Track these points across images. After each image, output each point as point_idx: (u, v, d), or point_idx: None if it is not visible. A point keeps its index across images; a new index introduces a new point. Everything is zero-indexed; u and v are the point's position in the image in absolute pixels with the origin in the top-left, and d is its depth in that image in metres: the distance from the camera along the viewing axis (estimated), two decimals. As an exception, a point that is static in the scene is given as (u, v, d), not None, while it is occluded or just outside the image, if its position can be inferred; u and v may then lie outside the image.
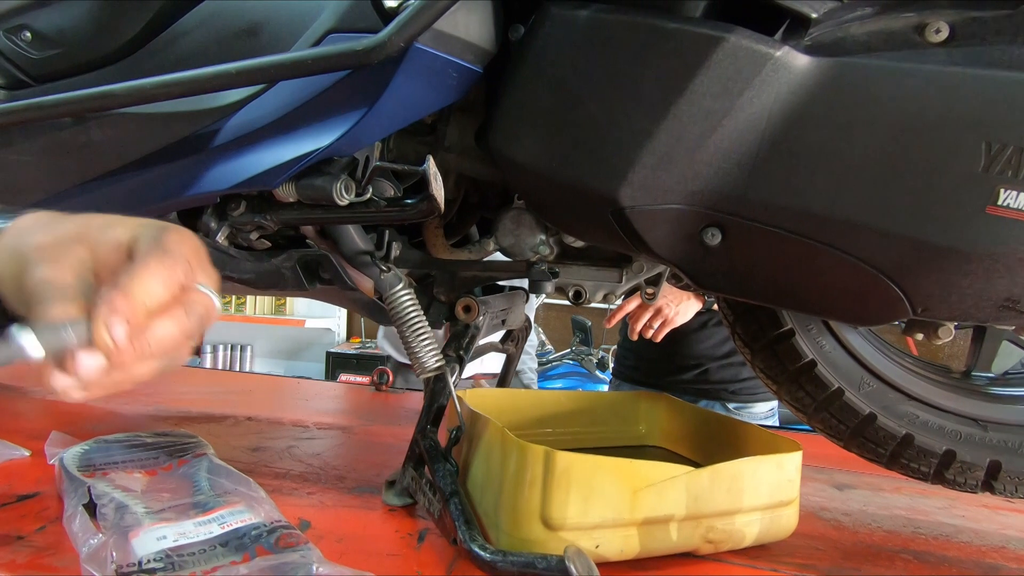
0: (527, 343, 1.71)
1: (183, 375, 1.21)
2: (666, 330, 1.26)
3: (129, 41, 0.69)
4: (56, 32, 0.72)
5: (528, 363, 1.70)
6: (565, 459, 0.46)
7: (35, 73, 0.72)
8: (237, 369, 3.12)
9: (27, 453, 0.69)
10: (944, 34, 0.43)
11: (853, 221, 0.45)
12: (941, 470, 0.61)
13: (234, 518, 0.49)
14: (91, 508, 0.50)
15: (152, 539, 0.45)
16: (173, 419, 0.90)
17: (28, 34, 0.72)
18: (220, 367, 3.20)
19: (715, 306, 1.26)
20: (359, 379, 2.81)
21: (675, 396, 1.36)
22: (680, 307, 1.24)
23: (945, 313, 0.48)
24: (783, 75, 0.43)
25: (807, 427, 0.71)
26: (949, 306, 0.47)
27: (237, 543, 0.46)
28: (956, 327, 0.58)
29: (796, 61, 0.43)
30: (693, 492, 0.50)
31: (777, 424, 1.30)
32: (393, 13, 0.47)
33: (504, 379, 0.94)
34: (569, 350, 2.58)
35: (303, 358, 3.79)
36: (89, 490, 0.52)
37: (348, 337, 3.73)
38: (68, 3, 0.72)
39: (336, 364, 3.36)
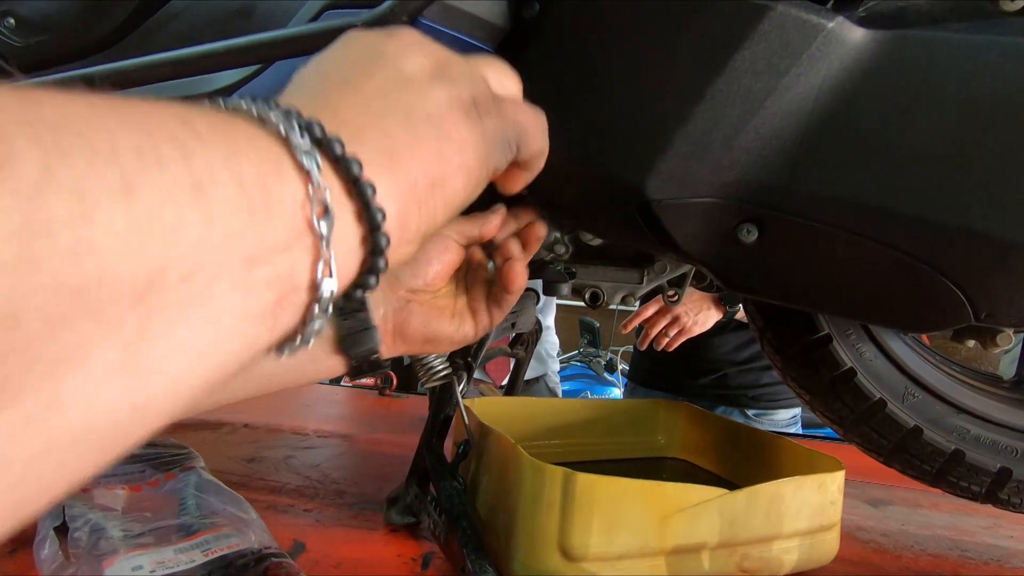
0: (549, 345, 1.67)
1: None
2: (682, 339, 1.21)
3: (118, 26, 0.65)
4: (42, 18, 0.68)
5: (552, 366, 1.66)
6: (587, 481, 0.42)
7: (21, 62, 0.68)
8: (241, 370, 3.09)
9: (8, 464, 0.65)
10: (1021, 2, 0.38)
11: (912, 215, 0.40)
12: (995, 489, 0.56)
13: (219, 543, 0.44)
14: (64, 531, 0.45)
15: (127, 568, 0.41)
16: (168, 426, 0.86)
17: (12, 20, 0.68)
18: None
19: (738, 315, 1.21)
20: (363, 381, 2.77)
21: (693, 401, 1.32)
22: (699, 316, 1.19)
23: (1012, 319, 0.43)
24: (835, 49, 0.38)
25: (832, 433, 0.66)
26: (1019, 311, 0.42)
27: (221, 573, 0.41)
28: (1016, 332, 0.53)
29: (850, 34, 0.38)
30: (728, 517, 0.45)
31: (800, 431, 1.24)
32: (396, -16, 0.42)
33: (513, 385, 0.89)
34: (577, 352, 2.53)
35: (308, 359, 3.75)
36: (64, 510, 0.48)
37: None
38: (56, -16, 0.68)
39: (341, 365, 3.31)
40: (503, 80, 0.30)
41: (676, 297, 0.62)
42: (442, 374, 0.53)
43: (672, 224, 0.46)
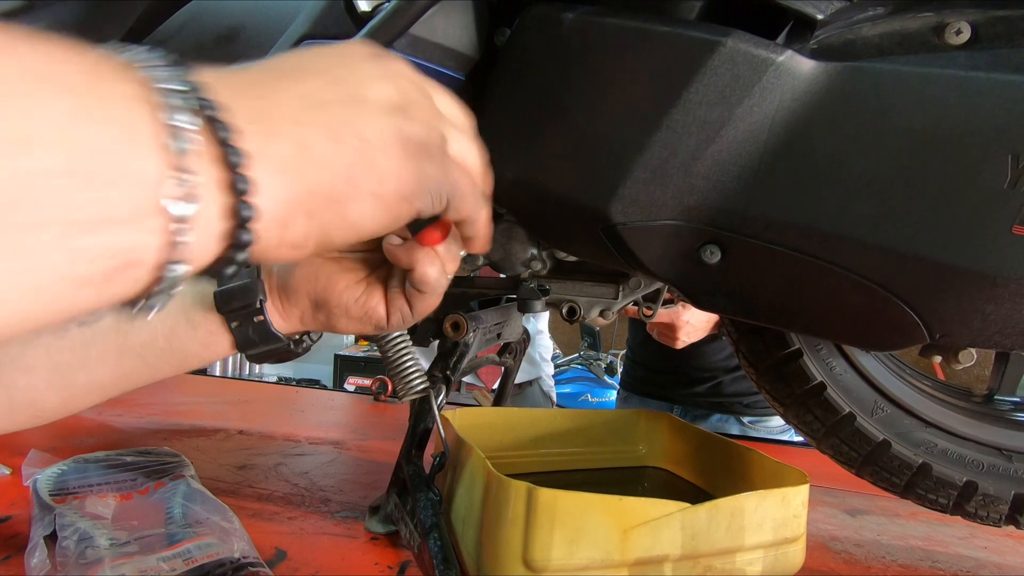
0: (543, 349, 1.68)
1: (181, 384, 1.19)
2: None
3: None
4: (41, 39, 0.70)
5: (546, 369, 1.67)
6: (548, 496, 0.43)
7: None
8: (246, 372, 3.12)
9: (7, 471, 0.68)
10: (965, 35, 0.39)
11: (864, 240, 0.41)
12: (961, 502, 0.57)
13: (201, 552, 0.46)
14: (54, 539, 0.48)
15: (111, 577, 0.43)
16: (163, 432, 0.88)
17: (13, 41, 0.70)
18: (229, 369, 3.21)
19: None
20: (365, 381, 2.79)
21: (687, 409, 1.33)
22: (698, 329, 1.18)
23: (967, 339, 0.44)
24: (786, 81, 0.40)
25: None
26: (971, 332, 0.43)
27: (200, 582, 0.43)
28: (978, 351, 0.54)
29: (800, 66, 0.40)
30: (690, 530, 0.46)
31: (792, 439, 1.25)
32: (367, 17, 0.44)
33: (502, 393, 0.91)
34: (577, 355, 2.54)
35: (312, 360, 3.79)
36: (55, 518, 0.50)
37: (356, 340, 3.72)
38: (53, 7, 0.70)
39: (344, 367, 3.35)
40: (465, 149, 0.29)
41: (651, 312, 0.63)
42: (420, 388, 0.55)
43: (637, 246, 0.47)
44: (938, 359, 0.55)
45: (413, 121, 0.26)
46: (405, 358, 0.54)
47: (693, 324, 1.15)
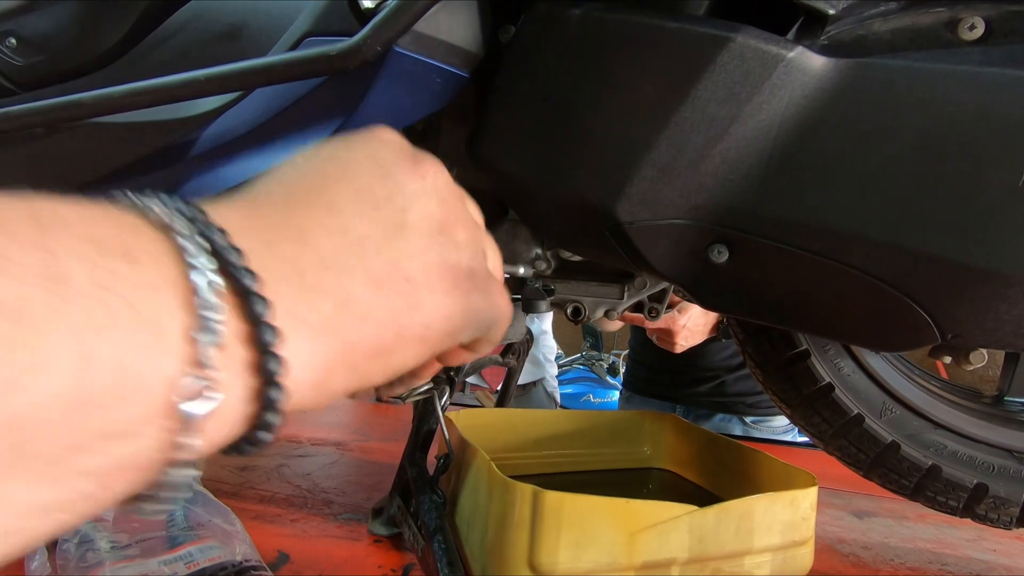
0: (547, 350, 1.68)
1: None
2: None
3: (114, 46, 0.67)
4: (41, 38, 0.70)
5: (550, 370, 1.66)
6: (555, 499, 0.43)
7: (20, 80, 0.70)
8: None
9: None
10: (979, 31, 0.38)
11: (874, 239, 0.41)
12: (971, 505, 0.56)
13: (202, 556, 0.46)
14: (53, 542, 0.47)
15: (111, 581, 0.42)
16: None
17: (13, 40, 0.70)
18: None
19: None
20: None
21: (690, 409, 1.32)
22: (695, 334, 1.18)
23: (979, 340, 0.44)
24: (796, 78, 0.39)
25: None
26: (984, 332, 0.42)
27: (201, 586, 0.43)
28: (989, 351, 0.53)
29: (811, 62, 0.39)
30: (698, 533, 0.46)
31: (796, 439, 1.24)
32: (370, 14, 0.43)
33: (505, 394, 0.90)
34: (579, 355, 2.53)
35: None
36: (55, 521, 0.49)
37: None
38: (54, 7, 0.70)
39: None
40: (494, 258, 0.26)
41: (656, 313, 0.63)
42: (423, 389, 0.54)
43: (644, 245, 0.47)
44: (948, 360, 0.55)
45: (458, 246, 0.22)
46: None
47: (690, 328, 1.15)
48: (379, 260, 0.20)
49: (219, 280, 0.16)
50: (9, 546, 0.14)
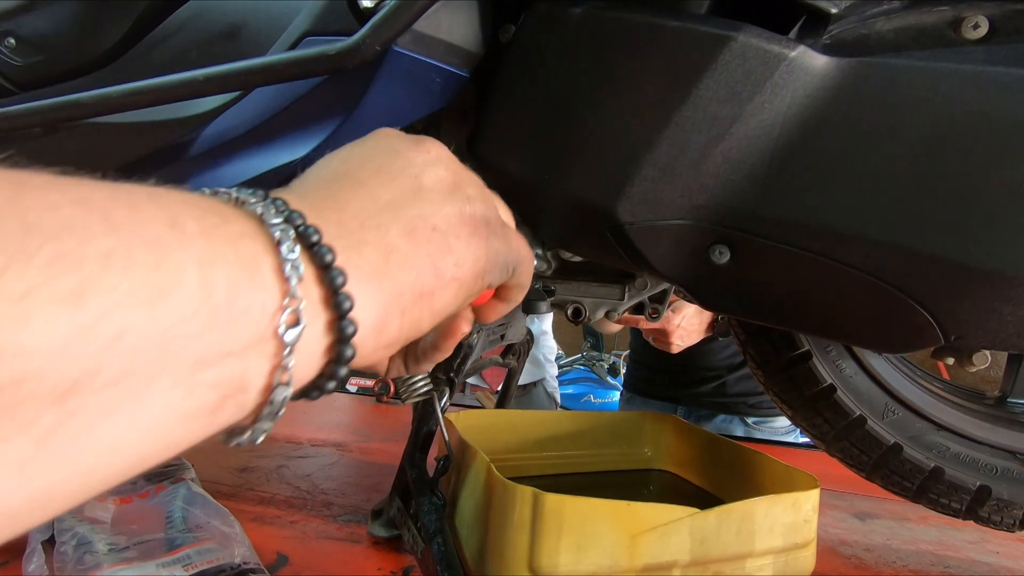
0: (547, 350, 1.67)
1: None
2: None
3: (113, 46, 0.67)
4: (40, 38, 0.70)
5: (550, 371, 1.66)
6: (555, 501, 0.42)
7: (20, 80, 0.70)
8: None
9: (6, 474, 0.67)
10: (983, 30, 0.38)
11: (877, 240, 0.40)
12: (974, 507, 0.56)
13: (201, 558, 0.45)
14: (52, 543, 0.47)
15: (109, 583, 0.42)
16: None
17: (12, 40, 0.70)
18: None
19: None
20: (367, 382, 2.77)
21: (691, 410, 1.32)
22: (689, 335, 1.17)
23: (982, 341, 0.43)
24: (799, 77, 0.39)
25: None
26: (987, 334, 0.42)
27: (199, 589, 0.42)
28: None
29: (813, 62, 0.39)
30: (699, 535, 0.45)
31: (797, 440, 1.24)
32: (369, 14, 0.43)
33: (506, 394, 0.90)
34: (580, 356, 2.53)
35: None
36: (53, 523, 0.49)
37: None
38: (53, 7, 0.70)
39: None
40: (504, 213, 0.30)
41: (657, 313, 0.62)
42: (423, 390, 0.54)
43: (645, 245, 0.46)
44: (951, 361, 0.54)
45: (472, 199, 0.26)
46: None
47: (685, 328, 1.14)
48: (408, 216, 0.23)
49: (292, 232, 0.19)
50: (151, 445, 0.16)
